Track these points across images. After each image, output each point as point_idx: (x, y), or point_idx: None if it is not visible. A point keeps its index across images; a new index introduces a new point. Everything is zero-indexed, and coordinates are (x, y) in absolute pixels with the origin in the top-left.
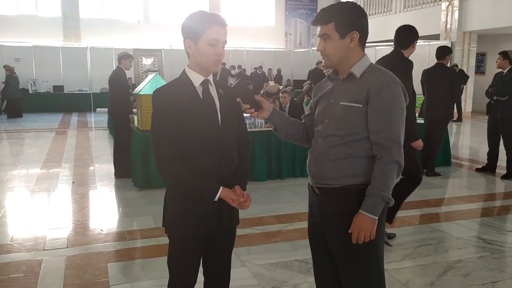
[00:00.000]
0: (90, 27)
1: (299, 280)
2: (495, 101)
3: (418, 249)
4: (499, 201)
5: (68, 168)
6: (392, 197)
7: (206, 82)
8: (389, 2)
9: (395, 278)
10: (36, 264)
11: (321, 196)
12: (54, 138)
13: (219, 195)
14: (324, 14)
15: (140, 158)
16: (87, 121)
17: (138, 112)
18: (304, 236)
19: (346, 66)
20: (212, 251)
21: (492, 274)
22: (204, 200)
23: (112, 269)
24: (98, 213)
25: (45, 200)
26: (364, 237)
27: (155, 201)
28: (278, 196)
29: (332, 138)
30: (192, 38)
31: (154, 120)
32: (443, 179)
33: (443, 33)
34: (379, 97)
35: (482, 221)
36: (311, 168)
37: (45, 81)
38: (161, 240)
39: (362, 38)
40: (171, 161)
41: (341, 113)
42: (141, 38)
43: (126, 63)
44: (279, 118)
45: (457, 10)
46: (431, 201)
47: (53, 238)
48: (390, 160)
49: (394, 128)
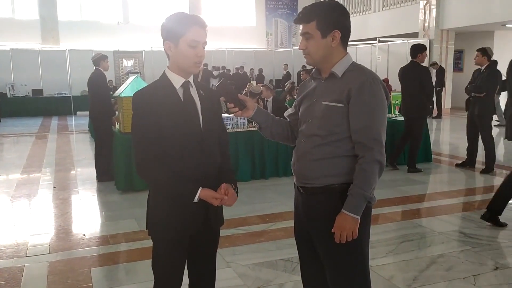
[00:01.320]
0: (68, 29)
1: (284, 279)
2: (473, 97)
3: (401, 245)
4: (479, 195)
5: (49, 173)
6: (374, 196)
7: (187, 83)
8: (368, 1)
9: (379, 274)
10: (18, 271)
11: (305, 196)
12: (34, 143)
13: (199, 195)
14: (306, 13)
15: (122, 161)
16: (67, 125)
17: (120, 114)
18: (289, 235)
19: (328, 65)
20: (197, 253)
21: (474, 267)
22: (184, 202)
23: (96, 274)
24: (80, 218)
25: (26, 205)
26: (346, 236)
27: (139, 204)
28: (262, 196)
29: (315, 138)
30: (172, 40)
31: (134, 123)
32: (425, 175)
33: (422, 31)
34: (360, 96)
35: (463, 216)
36: (295, 167)
37: (24, 85)
38: (145, 243)
39: (344, 37)
40: (150, 164)
41: (323, 112)
42: (121, 39)
43: (104, 64)
44: (263, 117)
45: (435, 8)
46: (413, 197)
47: (34, 244)
48: (371, 160)
49: (375, 127)
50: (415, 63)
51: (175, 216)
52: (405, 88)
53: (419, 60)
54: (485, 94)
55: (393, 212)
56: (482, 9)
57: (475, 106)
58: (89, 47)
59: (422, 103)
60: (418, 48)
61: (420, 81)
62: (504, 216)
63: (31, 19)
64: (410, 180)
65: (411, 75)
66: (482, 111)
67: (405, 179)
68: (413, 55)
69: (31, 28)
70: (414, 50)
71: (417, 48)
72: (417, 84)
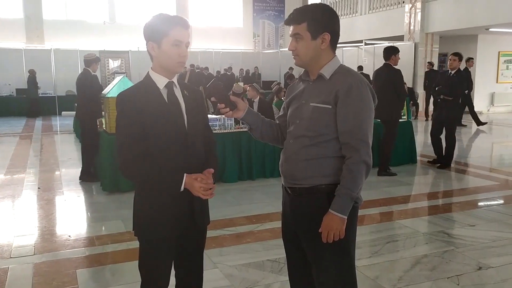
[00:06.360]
0: (53, 28)
1: (271, 280)
2: (442, 99)
3: (386, 246)
4: (462, 196)
5: (33, 174)
6: (361, 197)
7: (171, 84)
8: (355, 4)
9: (365, 275)
10: (2, 272)
11: (293, 196)
12: (18, 143)
13: (184, 182)
14: (297, 14)
15: (108, 162)
16: (52, 125)
17: (106, 115)
18: (276, 236)
19: (316, 67)
20: (184, 253)
21: (457, 267)
22: (170, 197)
23: (82, 276)
24: (65, 219)
25: (9, 206)
26: (333, 236)
27: (125, 205)
28: (249, 197)
29: (302, 139)
30: (155, 40)
31: (118, 124)
32: (409, 177)
33: (407, 34)
34: (348, 98)
35: (446, 216)
36: (283, 168)
37: (8, 84)
38: (132, 245)
39: (333, 40)
40: (134, 161)
41: (311, 114)
42: (107, 39)
43: (95, 66)
44: (254, 118)
45: (420, 12)
46: (398, 198)
47: (19, 245)
48: (358, 160)
49: (362, 128)
50: (388, 66)
51: (161, 216)
52: (378, 90)
53: (393, 63)
54: (453, 98)
55: (378, 213)
56: (466, 13)
57: (443, 108)
58: (75, 46)
59: (395, 106)
60: (391, 50)
61: (393, 84)
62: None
63: (15, 17)
64: (395, 181)
65: (384, 77)
66: (450, 114)
67: (389, 180)
68: (386, 57)
69: (16, 27)
70: (387, 52)
71: (390, 50)
72: (390, 87)
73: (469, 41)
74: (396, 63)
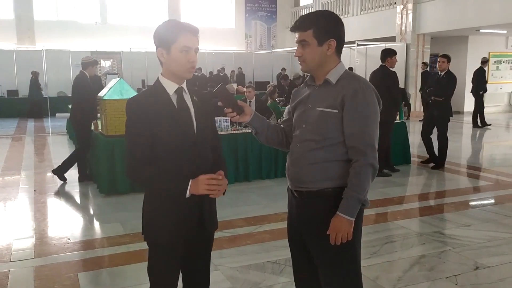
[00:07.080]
0: (45, 29)
1: (272, 281)
2: (433, 101)
3: (384, 246)
4: (456, 197)
5: (28, 176)
6: (367, 199)
7: (180, 89)
8: (347, 5)
9: (364, 275)
10: (3, 276)
11: (299, 199)
12: (10, 145)
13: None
14: (303, 21)
15: (105, 164)
16: (44, 126)
17: (102, 117)
18: (275, 237)
19: (322, 72)
20: (192, 256)
21: (455, 267)
22: (178, 203)
23: (83, 279)
24: (63, 222)
25: (6, 209)
26: (341, 238)
27: (123, 207)
28: (246, 199)
29: (309, 143)
30: (164, 47)
31: (127, 130)
32: (404, 178)
33: (399, 35)
34: (354, 102)
35: (442, 217)
36: (290, 171)
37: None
38: (132, 247)
39: (339, 46)
40: (141, 167)
41: (318, 118)
42: (99, 40)
43: (91, 69)
44: (260, 123)
45: (411, 13)
46: (394, 199)
47: (18, 248)
48: (365, 163)
49: (369, 132)
50: (384, 67)
51: (170, 220)
52: None
53: (389, 65)
54: (444, 98)
55: (376, 214)
56: (457, 15)
57: (434, 109)
58: (66, 47)
59: (388, 108)
60: (387, 52)
61: (387, 86)
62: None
63: (6, 18)
64: (391, 182)
65: (380, 79)
66: (441, 114)
67: (385, 181)
68: (383, 59)
69: (6, 27)
70: (383, 54)
71: (387, 52)
72: (384, 89)
73: (460, 42)
74: (393, 65)
